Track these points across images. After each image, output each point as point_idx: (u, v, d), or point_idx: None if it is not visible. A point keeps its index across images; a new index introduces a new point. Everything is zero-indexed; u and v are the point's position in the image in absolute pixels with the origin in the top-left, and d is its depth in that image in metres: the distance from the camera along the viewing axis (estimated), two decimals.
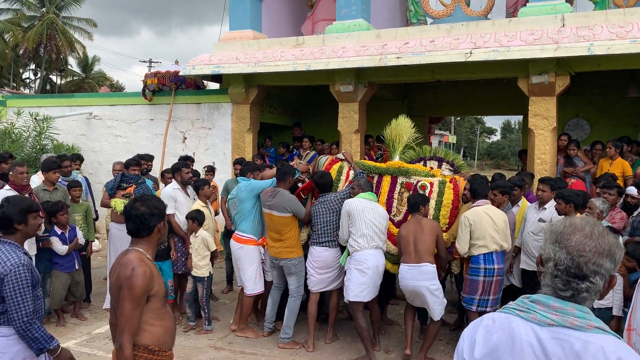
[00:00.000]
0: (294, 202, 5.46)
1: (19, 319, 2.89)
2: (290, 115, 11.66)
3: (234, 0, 9.32)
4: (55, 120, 10.69)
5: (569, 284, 1.50)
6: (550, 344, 1.46)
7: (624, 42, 6.32)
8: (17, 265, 2.92)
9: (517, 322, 1.53)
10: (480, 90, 10.33)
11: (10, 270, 2.90)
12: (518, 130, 55.62)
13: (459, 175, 5.81)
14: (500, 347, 1.53)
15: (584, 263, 1.48)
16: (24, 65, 39.16)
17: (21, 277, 2.92)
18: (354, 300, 5.19)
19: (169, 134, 10.00)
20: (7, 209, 3.07)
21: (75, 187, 6.67)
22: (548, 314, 1.50)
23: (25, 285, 2.93)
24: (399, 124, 6.17)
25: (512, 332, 1.52)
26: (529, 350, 1.48)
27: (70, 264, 6.08)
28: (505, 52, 6.85)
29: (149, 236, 2.77)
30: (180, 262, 6.12)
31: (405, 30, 7.97)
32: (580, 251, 1.49)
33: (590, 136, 9.70)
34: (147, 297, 2.63)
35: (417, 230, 5.03)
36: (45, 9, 35.14)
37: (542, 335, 1.48)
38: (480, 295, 5.01)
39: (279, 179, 5.59)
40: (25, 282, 2.93)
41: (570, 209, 4.96)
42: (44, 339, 2.96)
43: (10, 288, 2.89)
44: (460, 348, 1.65)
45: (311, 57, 8.13)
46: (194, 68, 9.07)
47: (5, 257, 2.94)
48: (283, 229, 5.51)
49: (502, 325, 1.55)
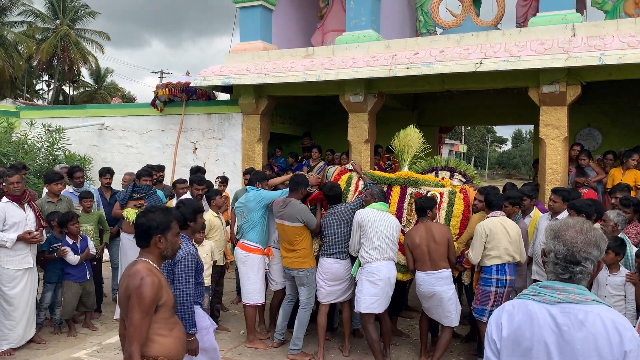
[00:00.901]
0: (306, 212, 5.45)
1: (180, 295, 3.60)
2: (300, 126, 11.70)
3: (244, 12, 9.40)
4: (68, 131, 10.81)
5: (567, 269, 1.95)
6: (560, 317, 1.90)
7: (635, 51, 6.28)
8: (187, 254, 3.68)
9: (532, 305, 1.96)
10: (490, 100, 10.31)
11: (183, 257, 3.64)
12: (529, 139, 55.33)
13: (468, 186, 5.78)
14: (522, 325, 1.95)
15: (577, 252, 1.93)
16: (38, 77, 39.73)
17: (188, 263, 3.69)
18: (366, 312, 5.16)
19: (179, 145, 10.07)
20: (182, 209, 3.93)
21: (86, 197, 6.71)
22: (555, 294, 1.94)
23: (190, 270, 3.67)
24: (407, 134, 6.16)
25: (530, 312, 1.95)
26: (545, 325, 1.91)
27: (81, 274, 6.10)
28: (516, 62, 6.84)
29: (148, 247, 2.80)
30: None
31: (415, 41, 7.98)
32: (573, 243, 1.94)
33: (602, 146, 9.63)
34: (156, 307, 2.64)
35: (429, 239, 5.03)
36: (59, 21, 35.67)
37: (553, 312, 1.92)
38: (491, 306, 4.99)
39: (292, 189, 5.59)
40: (190, 267, 3.68)
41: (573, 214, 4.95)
42: (189, 320, 3.58)
43: (180, 270, 3.65)
44: (489, 332, 2.06)
45: (321, 68, 8.16)
46: (204, 79, 9.14)
47: (184, 245, 3.68)
48: (295, 239, 5.50)
49: (521, 309, 1.98)
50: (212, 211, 6.24)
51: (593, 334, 1.84)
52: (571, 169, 7.67)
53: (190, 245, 3.82)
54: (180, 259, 3.65)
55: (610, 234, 4.78)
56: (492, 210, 5.13)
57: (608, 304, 1.95)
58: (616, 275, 4.54)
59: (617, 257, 4.56)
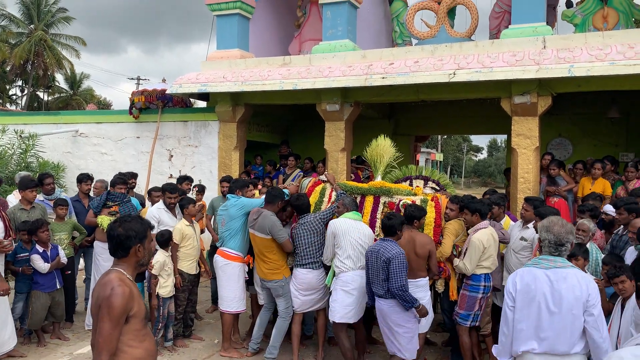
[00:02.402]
0: (276, 226, 5.43)
1: (397, 287, 4.54)
2: (277, 134, 11.71)
3: (221, 20, 9.40)
4: (41, 138, 10.64)
5: (557, 248, 3.24)
6: (552, 275, 3.16)
7: (603, 64, 6.45)
8: (400, 253, 4.60)
9: (534, 270, 3.24)
10: (465, 110, 10.46)
11: (396, 255, 4.55)
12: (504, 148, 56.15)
13: (440, 194, 5.86)
14: (529, 282, 3.21)
15: (561, 238, 3.22)
16: (11, 82, 38.97)
17: (402, 260, 4.60)
18: (340, 321, 5.18)
19: (155, 152, 9.99)
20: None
21: (61, 205, 6.61)
22: (548, 263, 3.22)
23: (404, 266, 4.61)
24: (379, 144, 6.24)
25: (534, 274, 3.22)
26: (543, 281, 3.17)
27: (51, 283, 5.99)
28: (488, 73, 6.97)
29: (126, 257, 2.77)
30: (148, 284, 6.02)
31: (390, 51, 8.08)
32: (559, 233, 3.22)
33: (573, 155, 9.84)
34: (127, 318, 2.62)
35: (410, 249, 5.03)
36: (34, 25, 35.12)
37: (547, 273, 3.19)
38: (476, 310, 5.15)
39: (268, 201, 5.59)
40: (404, 264, 4.62)
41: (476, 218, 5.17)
42: (411, 300, 4.58)
43: (395, 266, 4.54)
44: (507, 289, 3.31)
45: (298, 77, 8.20)
46: (181, 86, 9.10)
47: (391, 247, 4.63)
48: (265, 250, 5.51)
49: (528, 272, 3.25)
50: (184, 220, 6.18)
51: (572, 284, 3.12)
52: (542, 178, 7.83)
53: (399, 247, 4.72)
54: (394, 257, 4.56)
55: (586, 243, 4.87)
56: (482, 220, 5.24)
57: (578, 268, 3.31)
58: None
59: (586, 262, 4.66)
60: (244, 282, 5.84)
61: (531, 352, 3.16)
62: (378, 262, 4.69)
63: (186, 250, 6.04)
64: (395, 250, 4.64)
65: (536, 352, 3.14)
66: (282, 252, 5.58)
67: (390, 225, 4.77)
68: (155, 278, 5.80)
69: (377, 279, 4.73)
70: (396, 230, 4.78)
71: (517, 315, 3.21)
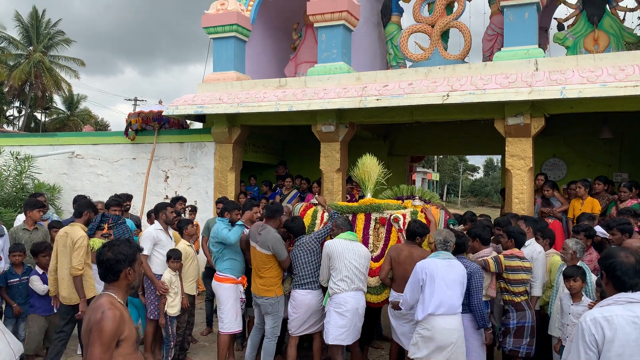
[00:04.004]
0: (278, 242, 5.45)
1: (478, 302, 4.77)
2: (273, 154, 11.75)
3: (218, 43, 9.50)
4: (37, 160, 10.66)
5: (444, 246, 4.78)
6: (446, 263, 4.67)
7: (594, 86, 6.53)
8: (479, 269, 4.87)
9: (435, 260, 4.69)
10: (459, 130, 10.54)
11: (476, 270, 4.81)
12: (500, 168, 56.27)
13: (429, 205, 5.90)
14: (432, 269, 4.61)
15: (446, 240, 4.79)
16: (9, 103, 39.11)
17: (481, 275, 4.89)
18: (333, 343, 5.15)
19: (151, 173, 10.00)
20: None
21: (55, 227, 6.59)
22: (442, 256, 4.73)
23: (482, 282, 4.89)
24: (364, 163, 6.32)
25: (435, 263, 4.66)
26: (442, 265, 4.64)
27: (48, 306, 5.94)
28: (481, 95, 7.04)
29: (116, 281, 2.77)
30: (153, 306, 5.95)
31: (385, 74, 8.17)
32: (445, 236, 4.81)
33: (567, 176, 9.90)
34: (118, 342, 2.61)
35: (408, 264, 5.06)
36: (33, 47, 35.38)
37: (442, 262, 4.67)
38: None
39: (268, 216, 5.64)
40: (482, 280, 4.90)
41: (511, 244, 5.24)
42: (486, 319, 4.81)
43: (476, 281, 4.76)
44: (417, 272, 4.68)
45: (293, 98, 8.27)
46: (177, 108, 9.16)
47: (469, 263, 4.88)
48: (262, 266, 5.52)
49: (432, 262, 4.67)
50: (184, 240, 6.22)
51: (456, 268, 4.66)
52: (537, 199, 7.85)
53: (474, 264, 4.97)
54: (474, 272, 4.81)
55: (569, 262, 4.93)
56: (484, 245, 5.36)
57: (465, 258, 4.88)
58: (578, 305, 4.65)
59: (583, 284, 4.69)
60: (237, 303, 5.81)
61: (433, 314, 4.53)
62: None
63: (186, 270, 6.06)
64: (474, 266, 4.83)
65: (437, 314, 4.52)
66: (278, 270, 5.58)
67: (461, 244, 4.99)
68: (163, 297, 5.79)
69: None
70: (467, 247, 5.10)
71: (426, 290, 4.58)
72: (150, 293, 5.96)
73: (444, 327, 4.52)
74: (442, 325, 4.52)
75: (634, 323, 2.63)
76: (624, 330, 2.62)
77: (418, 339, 4.65)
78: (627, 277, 2.75)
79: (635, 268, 2.77)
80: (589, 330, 2.68)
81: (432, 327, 4.54)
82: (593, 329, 2.67)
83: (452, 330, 4.54)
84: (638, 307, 2.68)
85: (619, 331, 2.62)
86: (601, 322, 2.66)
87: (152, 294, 5.95)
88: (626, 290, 2.75)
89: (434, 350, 4.54)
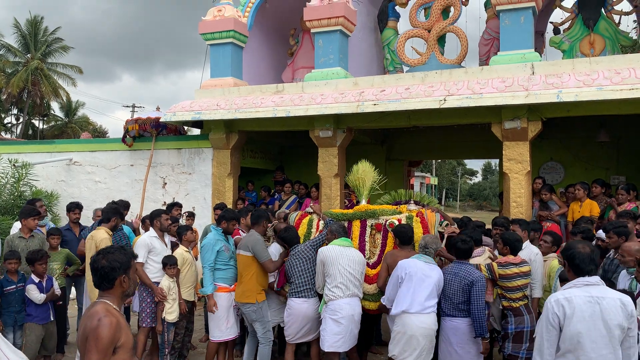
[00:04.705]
0: (258, 243, 5.49)
1: (480, 309, 4.65)
2: (271, 160, 11.76)
3: (215, 49, 9.52)
4: (35, 167, 10.64)
5: (425, 250, 5.00)
6: (424, 264, 4.91)
7: (590, 89, 6.55)
8: (482, 277, 4.79)
9: (415, 261, 4.93)
10: (457, 135, 10.55)
11: (479, 278, 4.75)
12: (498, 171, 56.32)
13: (425, 208, 5.90)
14: (412, 269, 4.86)
15: (427, 245, 5.01)
16: (7, 110, 39.10)
17: (484, 283, 4.77)
18: (329, 350, 5.13)
19: (149, 180, 9.99)
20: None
21: (54, 234, 6.58)
22: (424, 259, 4.94)
23: (485, 290, 4.77)
24: (359, 169, 6.34)
25: (415, 263, 4.92)
26: (421, 266, 4.89)
27: (45, 315, 5.93)
28: (478, 99, 7.06)
29: (111, 289, 2.77)
30: (145, 313, 5.91)
31: (382, 78, 8.19)
32: (427, 241, 5.06)
33: (565, 179, 9.90)
34: (114, 349, 2.60)
35: None
36: (30, 55, 35.40)
37: (423, 264, 4.90)
38: None
39: (253, 222, 5.70)
40: (485, 287, 4.78)
41: (507, 250, 5.20)
42: (485, 328, 4.67)
43: (478, 289, 4.69)
44: (398, 271, 4.95)
45: (291, 104, 8.29)
46: (174, 114, 9.16)
47: (472, 270, 4.82)
48: (244, 270, 5.56)
49: (413, 262, 4.93)
50: (183, 246, 6.22)
51: (434, 269, 4.89)
52: (535, 202, 7.86)
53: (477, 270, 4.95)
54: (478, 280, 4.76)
55: None
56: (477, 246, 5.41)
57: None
58: None
59: None
60: (229, 312, 5.79)
61: (407, 312, 4.73)
62: (460, 284, 4.82)
63: (184, 276, 6.05)
64: (478, 274, 4.83)
65: (410, 312, 4.72)
66: (260, 276, 5.60)
67: (466, 250, 4.96)
68: (161, 304, 5.78)
69: (455, 300, 4.84)
70: (472, 253, 5.09)
71: (402, 287, 4.80)
72: (142, 300, 5.92)
73: (417, 325, 4.73)
74: (415, 322, 4.74)
75: (589, 302, 3.22)
76: (580, 308, 3.21)
77: (394, 336, 4.88)
78: (584, 265, 3.32)
79: (591, 257, 3.33)
80: (552, 309, 3.28)
81: (405, 324, 4.76)
82: (556, 308, 3.27)
83: (424, 329, 4.74)
84: (592, 288, 3.28)
85: (577, 309, 3.22)
86: (562, 302, 3.26)
87: (145, 301, 5.91)
88: (583, 275, 3.32)
89: (407, 347, 4.74)
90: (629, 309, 3.23)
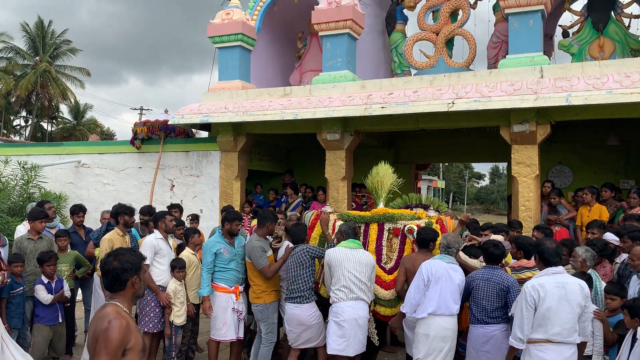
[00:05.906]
0: (255, 251, 5.51)
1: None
2: (279, 162, 11.76)
3: (223, 52, 9.54)
4: (44, 169, 10.71)
5: (445, 250, 4.95)
6: (449, 267, 4.82)
7: (600, 92, 6.52)
8: (515, 282, 4.70)
9: (440, 262, 4.86)
10: (465, 138, 10.51)
11: (513, 283, 4.67)
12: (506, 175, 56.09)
13: (444, 215, 5.85)
14: (438, 271, 4.78)
15: (449, 245, 4.95)
16: (16, 113, 39.39)
17: (518, 289, 4.57)
18: (332, 353, 5.09)
19: (157, 182, 10.02)
20: None
21: (62, 236, 6.60)
22: (447, 259, 4.89)
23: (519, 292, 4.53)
24: (379, 171, 6.28)
25: (440, 265, 4.82)
26: (446, 267, 4.80)
27: (53, 316, 5.93)
28: (487, 102, 7.03)
29: (123, 290, 2.77)
30: (148, 317, 5.85)
31: (390, 81, 8.18)
32: (449, 240, 4.98)
33: (574, 183, 9.84)
34: (124, 351, 2.60)
35: None
36: (39, 57, 35.66)
37: (447, 265, 4.83)
38: None
39: (258, 224, 5.71)
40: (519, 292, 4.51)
41: (520, 255, 5.17)
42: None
43: (515, 293, 4.55)
44: (422, 272, 4.83)
45: (298, 107, 8.29)
46: (183, 117, 9.19)
47: (505, 275, 4.76)
48: (251, 274, 5.65)
49: (437, 264, 4.85)
50: (189, 249, 6.22)
51: (458, 271, 4.89)
52: (543, 206, 7.81)
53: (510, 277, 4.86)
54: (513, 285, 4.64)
55: (579, 269, 4.88)
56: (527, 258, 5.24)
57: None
58: None
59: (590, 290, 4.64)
60: (226, 313, 5.76)
61: (433, 314, 4.73)
62: (494, 289, 4.68)
63: (190, 278, 6.06)
64: (512, 278, 4.77)
65: (437, 314, 4.72)
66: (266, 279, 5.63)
67: (499, 255, 4.86)
68: (169, 308, 5.79)
69: (489, 307, 4.68)
70: (503, 258, 5.02)
71: (430, 290, 4.74)
72: (146, 305, 5.86)
73: (443, 327, 4.73)
74: (442, 325, 4.73)
75: (557, 287, 4.06)
76: (551, 291, 4.05)
77: (418, 339, 4.83)
78: (552, 257, 4.17)
79: (556, 251, 4.18)
80: (529, 293, 4.09)
81: (430, 326, 4.74)
82: (532, 292, 4.08)
83: (449, 330, 4.75)
84: (559, 276, 4.14)
85: (548, 292, 4.05)
86: (537, 287, 4.08)
87: (149, 305, 5.86)
88: (551, 265, 4.17)
89: (431, 350, 4.71)
90: (586, 292, 4.12)
